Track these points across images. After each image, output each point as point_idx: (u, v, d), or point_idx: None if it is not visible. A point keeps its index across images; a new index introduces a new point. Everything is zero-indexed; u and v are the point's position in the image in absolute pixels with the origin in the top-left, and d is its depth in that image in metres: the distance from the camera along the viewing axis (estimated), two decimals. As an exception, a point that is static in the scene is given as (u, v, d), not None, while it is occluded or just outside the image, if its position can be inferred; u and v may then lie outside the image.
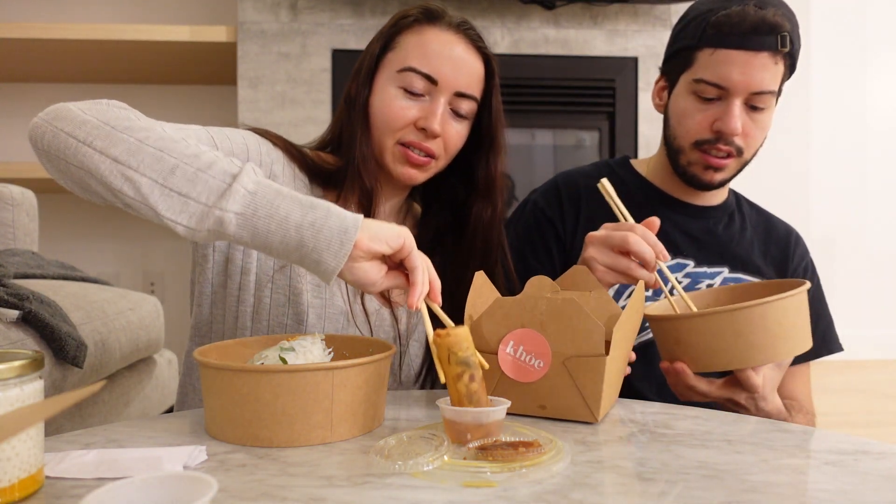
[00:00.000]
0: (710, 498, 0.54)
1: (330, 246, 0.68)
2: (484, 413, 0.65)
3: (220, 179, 0.68)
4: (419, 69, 0.95)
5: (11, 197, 1.66)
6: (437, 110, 0.95)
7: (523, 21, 2.55)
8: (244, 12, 2.43)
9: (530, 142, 2.87)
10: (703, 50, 1.03)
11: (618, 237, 0.86)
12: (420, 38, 0.97)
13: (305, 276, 0.95)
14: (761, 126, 1.05)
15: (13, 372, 0.53)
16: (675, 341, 0.86)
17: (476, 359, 0.69)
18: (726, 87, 1.01)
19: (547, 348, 0.74)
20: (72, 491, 0.55)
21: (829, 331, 1.17)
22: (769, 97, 1.03)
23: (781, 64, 1.02)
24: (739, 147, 1.05)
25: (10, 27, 2.31)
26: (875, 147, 3.57)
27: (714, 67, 1.02)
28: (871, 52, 3.54)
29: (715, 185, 1.09)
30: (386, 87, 0.97)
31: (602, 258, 0.87)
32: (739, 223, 1.18)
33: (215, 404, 0.69)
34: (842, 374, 3.15)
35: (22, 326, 1.10)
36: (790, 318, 0.82)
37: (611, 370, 0.74)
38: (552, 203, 1.18)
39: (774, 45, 0.99)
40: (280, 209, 0.68)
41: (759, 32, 0.99)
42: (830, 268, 3.43)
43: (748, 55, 0.99)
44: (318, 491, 0.55)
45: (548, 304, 0.74)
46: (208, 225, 0.68)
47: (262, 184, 0.69)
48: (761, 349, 0.82)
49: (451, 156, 1.01)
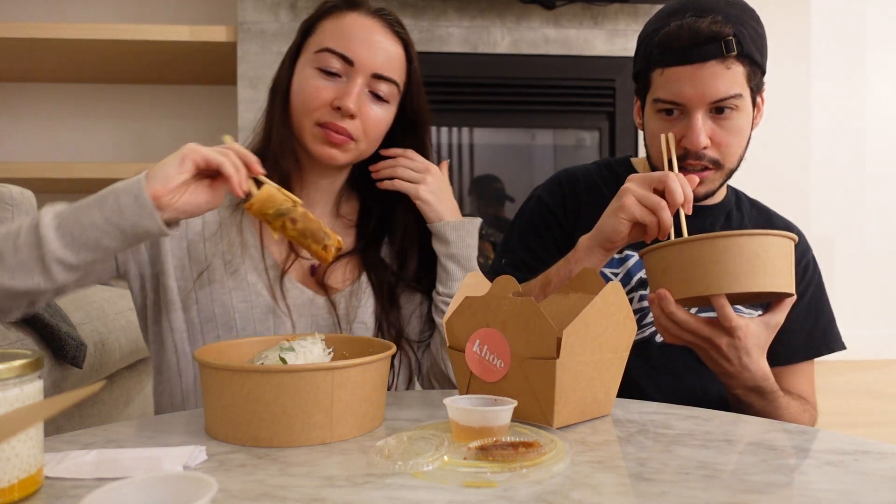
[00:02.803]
0: (710, 498, 0.54)
1: (139, 214, 0.77)
2: (491, 412, 0.65)
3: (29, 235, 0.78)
4: (335, 49, 0.97)
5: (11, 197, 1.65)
6: (352, 90, 0.96)
7: (523, 21, 2.55)
8: (244, 12, 2.43)
9: (530, 142, 2.87)
10: (655, 71, 1.03)
11: (658, 175, 0.92)
12: (338, 23, 0.99)
13: (225, 283, 0.96)
14: (735, 131, 1.03)
15: (13, 372, 0.53)
16: (662, 270, 0.89)
17: (289, 203, 0.83)
18: (682, 103, 1.01)
19: (507, 348, 0.74)
20: (71, 491, 0.55)
21: (831, 328, 1.16)
22: (734, 100, 1.00)
23: (737, 66, 0.99)
24: (714, 159, 1.03)
25: (10, 27, 2.31)
26: (875, 147, 3.57)
27: (666, 86, 1.02)
28: (871, 52, 3.54)
29: (700, 197, 1.08)
30: (303, 69, 0.99)
31: (637, 190, 0.92)
32: (738, 221, 1.18)
33: (215, 404, 0.69)
34: (842, 374, 3.15)
35: (22, 326, 1.10)
36: (769, 254, 0.85)
37: (567, 375, 0.72)
38: (555, 198, 1.19)
39: (720, 52, 0.97)
40: (83, 221, 0.78)
41: (699, 44, 0.98)
42: (830, 268, 3.43)
43: (694, 68, 0.98)
44: (318, 491, 0.55)
45: (509, 305, 0.74)
46: (53, 271, 0.78)
47: (58, 214, 0.78)
48: (736, 277, 0.84)
49: (374, 140, 1.01)
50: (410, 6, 2.51)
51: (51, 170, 2.38)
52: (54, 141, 2.81)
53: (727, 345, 0.88)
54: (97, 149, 2.82)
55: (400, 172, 1.02)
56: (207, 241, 0.98)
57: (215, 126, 2.84)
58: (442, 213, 1.02)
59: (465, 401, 0.69)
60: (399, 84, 1.01)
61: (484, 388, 0.77)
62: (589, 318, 0.73)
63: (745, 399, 0.95)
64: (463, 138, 2.82)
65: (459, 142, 2.82)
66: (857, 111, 3.54)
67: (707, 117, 1.01)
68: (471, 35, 2.54)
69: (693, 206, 1.15)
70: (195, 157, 0.80)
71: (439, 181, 1.03)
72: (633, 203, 0.91)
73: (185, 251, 0.97)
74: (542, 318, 0.71)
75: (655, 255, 0.90)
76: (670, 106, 1.02)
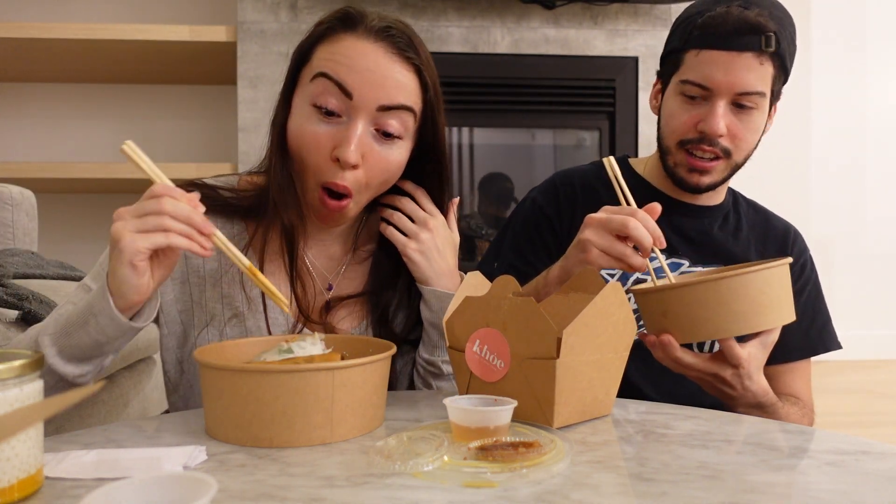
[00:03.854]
0: (710, 498, 0.54)
1: (121, 330, 0.77)
2: (491, 412, 0.65)
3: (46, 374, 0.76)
4: (331, 75, 0.83)
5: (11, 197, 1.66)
6: (352, 136, 0.83)
7: (523, 21, 2.55)
8: (244, 12, 2.43)
9: (530, 142, 2.87)
10: (690, 51, 1.04)
11: (617, 221, 0.85)
12: (333, 48, 0.85)
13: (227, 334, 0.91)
14: (751, 127, 1.04)
15: (13, 372, 0.53)
16: (661, 313, 0.86)
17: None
18: (710, 88, 1.02)
19: (507, 348, 0.74)
20: (71, 491, 0.55)
21: (827, 328, 1.17)
22: (757, 98, 1.02)
23: (769, 65, 1.01)
24: (726, 148, 1.04)
25: (10, 27, 2.31)
26: (875, 147, 3.57)
27: (698, 68, 1.03)
28: (871, 52, 3.54)
29: (702, 189, 1.09)
30: (301, 106, 0.86)
31: (598, 241, 0.87)
32: (735, 222, 1.18)
33: (215, 404, 0.69)
34: (842, 374, 3.15)
35: (22, 326, 1.10)
36: (773, 288, 0.84)
37: (567, 375, 0.72)
38: (550, 201, 1.19)
39: (758, 46, 0.99)
40: (78, 343, 0.78)
41: (742, 32, 0.99)
42: (830, 268, 3.43)
43: (731, 55, 1.00)
44: (318, 491, 0.55)
45: (509, 305, 0.74)
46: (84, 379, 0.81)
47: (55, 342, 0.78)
48: (745, 318, 0.83)
49: (380, 186, 0.89)
50: (410, 6, 2.51)
51: (51, 170, 2.38)
52: (54, 141, 2.81)
53: (732, 375, 0.89)
54: (97, 149, 2.82)
55: (396, 220, 0.93)
56: (209, 286, 0.92)
57: (215, 126, 2.84)
58: (428, 277, 0.91)
59: (465, 401, 0.69)
60: (415, 111, 0.88)
61: (484, 388, 0.77)
62: (589, 318, 0.73)
63: (748, 414, 0.96)
64: (463, 138, 2.82)
65: (459, 142, 2.82)
66: (857, 111, 3.54)
67: (728, 108, 1.02)
68: (471, 35, 2.54)
69: (693, 206, 1.16)
70: (141, 253, 0.72)
71: (436, 237, 0.92)
72: (597, 255, 0.87)
73: (189, 296, 0.92)
74: (542, 318, 0.71)
75: (654, 297, 0.86)
76: (697, 89, 1.03)
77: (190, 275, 0.92)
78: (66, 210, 2.74)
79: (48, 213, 2.51)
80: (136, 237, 0.71)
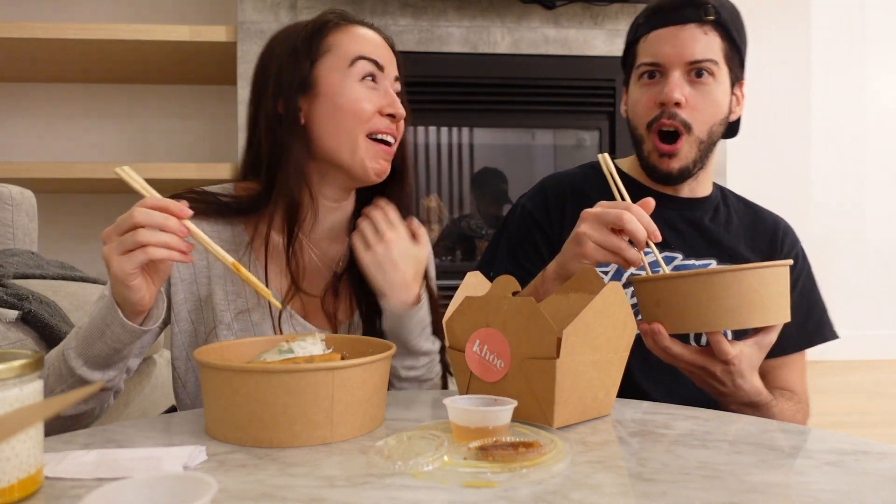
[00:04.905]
0: (710, 498, 0.54)
1: (132, 335, 0.83)
2: (491, 412, 0.65)
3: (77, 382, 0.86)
4: (368, 56, 0.97)
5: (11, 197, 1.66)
6: (395, 95, 0.99)
7: (523, 21, 2.55)
8: (244, 12, 2.43)
9: (530, 142, 2.87)
10: (640, 40, 1.12)
11: (613, 214, 0.87)
12: (352, 33, 0.99)
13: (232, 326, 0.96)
14: (709, 99, 1.08)
15: (13, 372, 0.53)
16: (655, 303, 0.87)
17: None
18: (661, 63, 1.08)
19: (507, 348, 0.74)
20: (71, 491, 0.55)
21: (823, 319, 1.17)
22: (709, 65, 1.07)
23: (714, 34, 1.07)
24: (685, 121, 1.07)
25: (10, 27, 2.31)
26: (875, 147, 3.57)
27: (649, 49, 1.10)
28: (871, 52, 3.54)
29: (675, 174, 1.11)
30: (347, 84, 0.96)
31: (594, 234, 0.88)
32: (725, 215, 1.19)
33: (215, 405, 0.69)
34: (842, 374, 3.15)
35: (22, 326, 1.10)
36: (767, 287, 0.84)
37: (567, 375, 0.72)
38: (539, 206, 1.19)
39: (698, 17, 1.06)
40: (98, 352, 0.84)
41: (681, 7, 1.07)
42: (830, 268, 3.43)
43: (675, 29, 1.07)
44: (318, 491, 0.55)
45: (509, 305, 0.74)
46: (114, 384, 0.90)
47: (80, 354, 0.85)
48: (733, 313, 0.84)
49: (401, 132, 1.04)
50: (410, 6, 2.51)
51: (51, 170, 2.38)
52: (54, 141, 2.81)
53: (722, 371, 0.89)
54: (97, 149, 2.82)
55: (361, 229, 0.96)
56: (214, 283, 0.96)
57: (215, 126, 2.84)
58: (381, 287, 0.94)
59: (465, 401, 0.69)
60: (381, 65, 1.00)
61: (484, 388, 0.77)
62: (589, 318, 0.73)
63: (740, 412, 0.96)
64: (463, 138, 2.82)
65: (459, 142, 2.82)
66: (857, 111, 3.54)
67: (684, 79, 1.08)
68: (471, 35, 2.54)
69: (682, 200, 1.16)
70: (130, 274, 0.77)
71: (392, 249, 0.94)
72: (592, 249, 0.88)
73: (197, 295, 0.96)
74: (542, 318, 0.71)
75: (648, 286, 0.88)
76: (651, 67, 1.09)
77: (197, 275, 0.97)
78: (66, 210, 2.74)
79: (48, 213, 2.51)
80: (121, 260, 0.77)
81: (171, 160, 2.77)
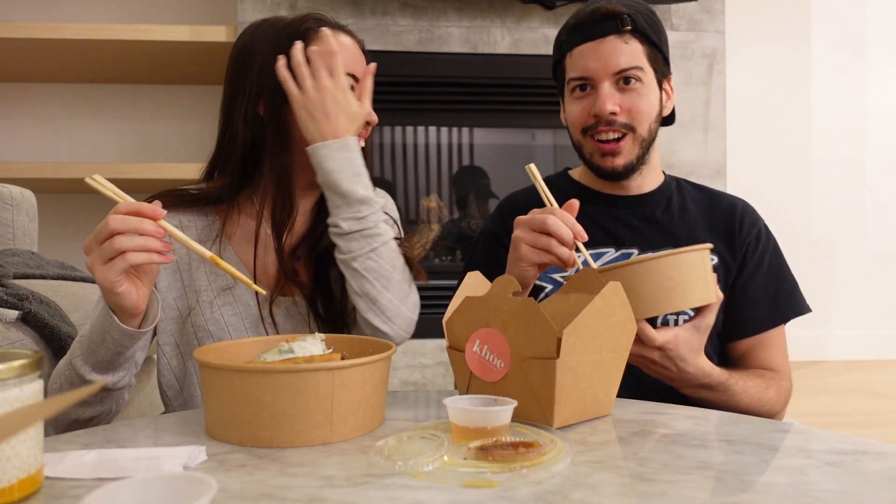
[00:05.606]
0: (710, 498, 0.54)
1: (132, 338, 0.85)
2: (491, 412, 0.65)
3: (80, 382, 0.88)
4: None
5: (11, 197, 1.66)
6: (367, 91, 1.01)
7: (523, 21, 2.55)
8: (244, 12, 2.43)
9: (530, 142, 2.87)
10: (566, 56, 1.15)
11: (538, 219, 0.93)
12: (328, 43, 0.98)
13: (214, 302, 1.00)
14: (642, 101, 1.11)
15: (13, 372, 0.53)
16: None
17: None
18: (589, 77, 1.11)
19: (507, 348, 0.75)
20: (71, 491, 0.55)
21: (794, 293, 1.18)
22: (636, 72, 1.10)
23: (635, 42, 1.10)
24: (626, 124, 1.11)
25: (10, 27, 2.31)
26: (875, 147, 3.57)
27: (576, 65, 1.13)
28: (871, 52, 3.54)
29: (620, 170, 1.14)
30: None
31: (526, 237, 0.93)
32: (679, 204, 1.21)
33: (215, 405, 0.69)
34: (842, 374, 3.15)
35: (22, 326, 1.10)
36: (683, 273, 0.89)
37: (567, 375, 0.72)
38: (498, 225, 1.24)
39: (615, 28, 1.09)
40: (103, 357, 0.86)
41: (598, 21, 1.10)
42: (830, 268, 3.43)
43: (595, 44, 1.10)
44: (318, 491, 0.55)
45: (509, 305, 0.75)
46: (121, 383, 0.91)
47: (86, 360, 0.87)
48: (652, 301, 0.88)
49: None
50: (410, 6, 2.51)
51: (51, 170, 2.38)
52: (54, 141, 2.81)
53: (660, 356, 0.93)
54: (97, 149, 2.82)
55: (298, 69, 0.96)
56: (195, 267, 1.01)
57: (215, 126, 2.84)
58: (311, 135, 0.95)
59: (465, 401, 0.69)
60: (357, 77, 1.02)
61: (484, 388, 0.77)
62: (589, 318, 0.73)
63: (697, 396, 1.00)
64: (463, 138, 2.82)
65: (459, 142, 2.82)
66: (857, 111, 3.54)
67: (614, 88, 1.11)
68: (471, 35, 2.54)
69: (630, 197, 1.19)
70: (115, 282, 0.79)
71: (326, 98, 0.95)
72: (528, 251, 0.93)
73: (181, 282, 1.01)
74: (542, 318, 0.71)
75: (575, 280, 0.91)
76: (581, 81, 1.12)
77: (179, 262, 1.01)
78: (66, 210, 2.74)
79: (48, 213, 2.51)
80: (103, 270, 0.78)
81: (171, 160, 2.77)
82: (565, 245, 0.91)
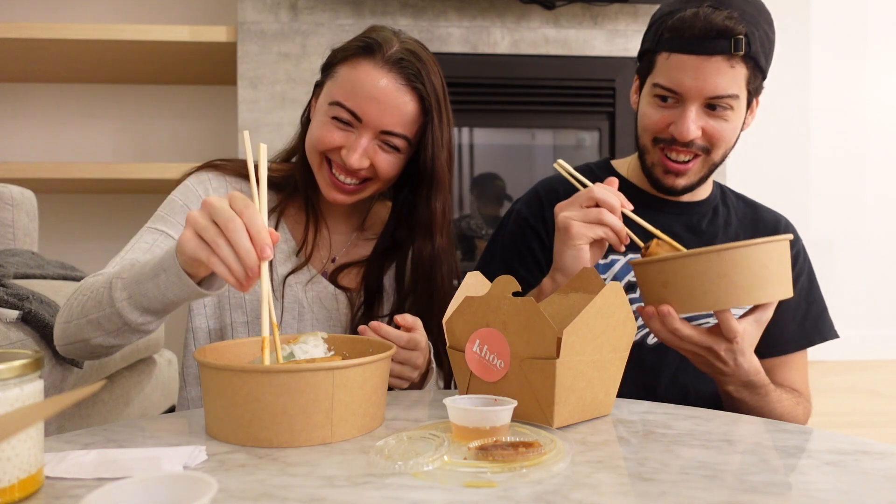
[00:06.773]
0: (710, 498, 0.54)
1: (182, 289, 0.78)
2: (491, 412, 0.65)
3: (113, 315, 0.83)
4: (345, 104, 0.97)
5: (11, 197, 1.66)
6: (358, 146, 0.98)
7: (523, 21, 2.55)
8: (244, 12, 2.43)
9: (530, 142, 2.87)
10: (661, 54, 1.04)
11: (583, 193, 0.93)
12: (351, 73, 0.98)
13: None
14: (727, 127, 1.04)
15: (13, 372, 0.53)
16: (662, 283, 0.87)
17: None
18: (680, 93, 1.02)
19: (506, 348, 0.75)
20: (72, 491, 0.55)
21: (823, 317, 1.16)
22: (729, 100, 1.01)
23: (741, 67, 1.00)
24: (704, 147, 1.05)
25: (10, 27, 2.31)
26: (875, 147, 3.57)
27: (668, 72, 1.02)
28: (871, 52, 3.54)
29: (678, 190, 1.09)
30: (318, 115, 1.02)
31: (575, 214, 0.92)
32: (724, 217, 1.18)
33: (215, 405, 0.69)
34: (842, 374, 3.14)
35: (22, 326, 1.10)
36: (773, 262, 0.85)
37: (567, 375, 0.72)
38: (535, 211, 1.18)
39: (727, 49, 0.98)
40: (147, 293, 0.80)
41: (710, 37, 0.98)
42: (830, 268, 3.43)
43: (700, 60, 0.99)
44: (318, 491, 0.55)
45: (509, 305, 0.74)
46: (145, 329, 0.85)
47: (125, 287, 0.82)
48: (745, 290, 0.84)
49: (387, 180, 1.04)
50: (410, 6, 2.51)
51: (51, 170, 2.38)
52: (54, 141, 2.81)
53: (726, 350, 0.89)
54: (97, 149, 2.82)
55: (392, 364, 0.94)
56: None
57: (215, 126, 2.84)
58: None
59: (465, 401, 0.69)
60: (410, 139, 1.00)
61: (484, 388, 0.77)
62: (589, 318, 0.73)
63: (737, 395, 0.96)
64: (463, 138, 2.82)
65: (459, 142, 2.82)
66: (857, 111, 3.54)
67: (701, 111, 1.02)
68: (471, 35, 2.54)
69: (679, 204, 1.16)
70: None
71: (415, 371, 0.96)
72: (579, 227, 0.91)
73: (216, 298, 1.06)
74: (542, 318, 0.71)
75: (655, 267, 0.87)
76: (667, 93, 1.03)
77: None
78: (66, 210, 2.74)
79: (48, 213, 2.51)
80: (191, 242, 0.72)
81: (171, 160, 2.77)
82: (612, 212, 0.90)
